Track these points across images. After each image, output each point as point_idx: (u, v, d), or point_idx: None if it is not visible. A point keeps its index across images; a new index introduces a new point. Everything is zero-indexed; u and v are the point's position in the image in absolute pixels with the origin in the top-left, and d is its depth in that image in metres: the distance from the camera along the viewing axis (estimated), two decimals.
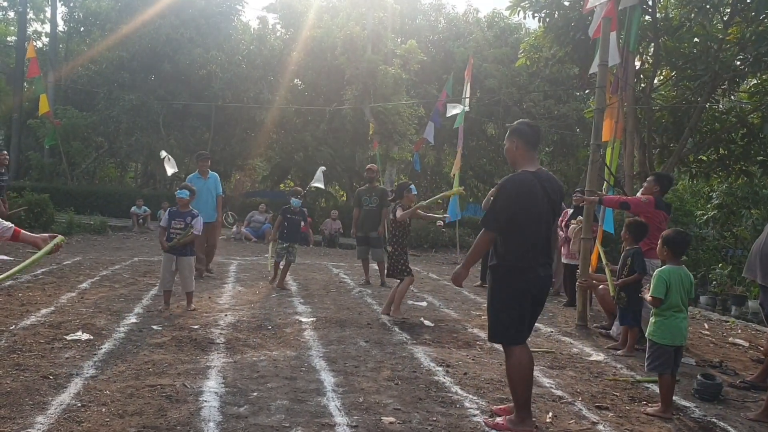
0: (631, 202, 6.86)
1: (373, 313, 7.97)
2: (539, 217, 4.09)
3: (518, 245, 4.09)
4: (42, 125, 22.87)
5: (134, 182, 32.73)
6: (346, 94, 21.09)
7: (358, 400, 4.52)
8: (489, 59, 25.15)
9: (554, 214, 4.22)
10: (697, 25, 8.96)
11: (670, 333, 4.81)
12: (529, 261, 4.08)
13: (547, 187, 4.12)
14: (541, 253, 4.13)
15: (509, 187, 4.10)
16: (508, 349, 4.18)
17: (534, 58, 11.54)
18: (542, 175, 4.18)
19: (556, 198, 4.21)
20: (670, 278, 4.83)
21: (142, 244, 15.77)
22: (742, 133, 9.90)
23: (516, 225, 4.06)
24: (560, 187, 4.33)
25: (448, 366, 5.60)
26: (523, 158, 4.24)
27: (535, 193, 4.07)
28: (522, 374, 4.13)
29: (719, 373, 6.07)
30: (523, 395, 4.12)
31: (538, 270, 4.09)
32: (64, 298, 7.65)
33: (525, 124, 4.32)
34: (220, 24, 25.96)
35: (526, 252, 4.08)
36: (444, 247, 19.57)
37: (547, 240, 4.17)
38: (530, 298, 4.11)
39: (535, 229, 4.09)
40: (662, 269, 4.93)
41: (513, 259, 4.10)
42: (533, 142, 4.26)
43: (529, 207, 4.05)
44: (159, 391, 4.47)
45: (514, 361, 4.15)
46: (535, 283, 4.11)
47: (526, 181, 4.10)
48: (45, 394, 4.27)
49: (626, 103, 8.11)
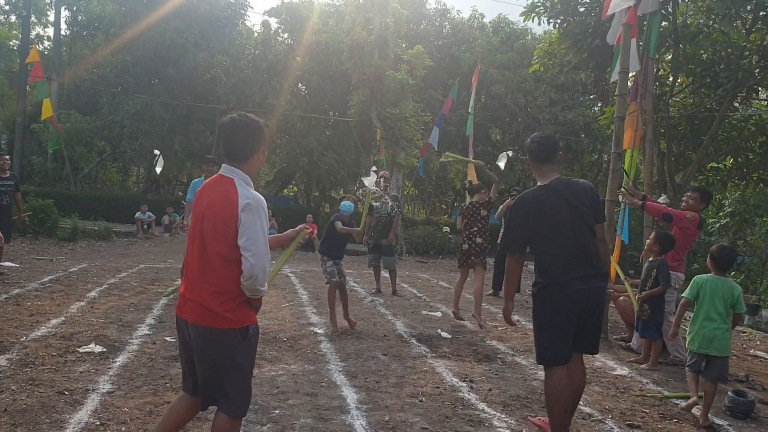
0: (675, 215, 6.57)
1: (388, 323, 7.83)
2: (562, 230, 3.93)
3: (545, 262, 3.97)
4: (45, 130, 22.72)
5: (136, 187, 32.61)
6: (352, 99, 20.97)
7: (383, 419, 4.38)
8: (495, 65, 25.03)
9: (585, 220, 3.97)
10: (717, 32, 8.84)
11: (697, 340, 5.05)
12: (560, 276, 3.91)
13: (566, 195, 3.96)
14: (576, 265, 3.91)
15: (518, 207, 4.04)
16: (546, 370, 4.03)
17: (548, 64, 11.43)
18: (559, 184, 4.02)
19: (582, 202, 3.98)
20: (705, 286, 5.06)
21: (147, 250, 15.63)
22: (760, 141, 9.76)
23: (537, 243, 3.95)
24: (586, 189, 4.09)
25: (472, 381, 5.47)
26: (537, 173, 4.15)
27: (550, 207, 3.94)
28: (557, 397, 3.96)
29: (747, 388, 5.93)
30: (558, 418, 3.97)
31: (574, 284, 3.89)
32: (73, 308, 7.51)
33: (532, 141, 4.18)
34: (224, 28, 25.82)
35: (555, 267, 3.93)
36: (451, 253, 19.42)
37: (581, 249, 3.93)
38: (570, 315, 3.92)
39: (560, 242, 3.92)
40: (700, 276, 5.18)
41: (544, 276, 3.97)
42: (539, 157, 4.11)
43: (544, 222, 3.93)
44: None
45: (549, 383, 3.99)
46: (573, 299, 3.90)
47: (535, 197, 4.00)
48: (62, 412, 4.13)
49: (646, 111, 7.97)
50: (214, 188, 3.10)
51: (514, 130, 25.80)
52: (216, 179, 3.15)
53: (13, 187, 10.25)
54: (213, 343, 3.00)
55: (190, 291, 3.07)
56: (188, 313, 3.06)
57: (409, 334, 7.28)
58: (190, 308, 3.05)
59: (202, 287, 3.01)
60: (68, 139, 22.74)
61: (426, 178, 28.53)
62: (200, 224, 3.06)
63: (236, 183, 3.05)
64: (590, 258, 3.95)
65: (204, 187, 3.20)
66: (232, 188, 3.02)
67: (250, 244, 2.95)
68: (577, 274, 3.90)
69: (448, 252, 19.57)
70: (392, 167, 19.76)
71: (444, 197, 35.10)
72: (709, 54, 9.20)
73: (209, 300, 2.98)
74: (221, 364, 3.01)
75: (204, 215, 3.05)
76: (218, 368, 3.02)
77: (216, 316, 2.98)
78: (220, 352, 3.00)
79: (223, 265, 2.99)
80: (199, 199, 3.16)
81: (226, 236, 2.97)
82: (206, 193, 3.13)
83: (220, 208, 3.00)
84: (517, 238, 4.02)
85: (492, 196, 8.33)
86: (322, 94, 25.19)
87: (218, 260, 2.99)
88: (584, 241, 3.96)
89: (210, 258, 3.00)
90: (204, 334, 3.00)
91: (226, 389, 3.04)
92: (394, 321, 8.01)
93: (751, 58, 8.96)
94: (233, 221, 2.96)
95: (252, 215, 2.97)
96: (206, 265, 3.02)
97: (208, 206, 3.05)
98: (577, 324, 3.97)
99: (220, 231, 2.98)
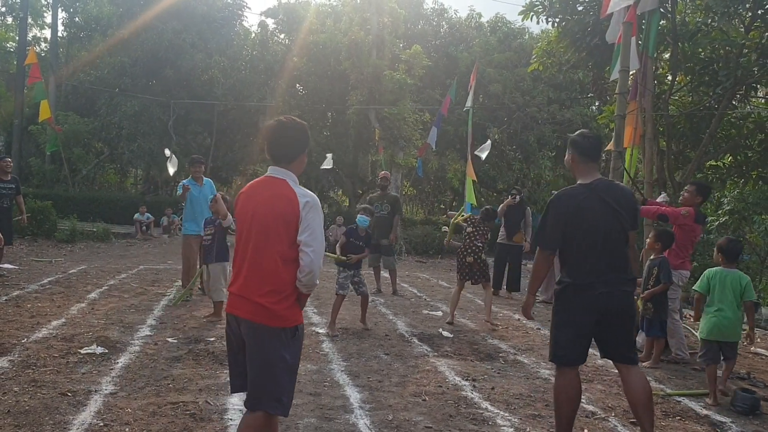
0: (669, 214, 6.56)
1: (389, 323, 7.83)
2: (595, 231, 3.83)
3: (573, 262, 3.89)
4: (43, 131, 22.67)
5: (134, 188, 32.56)
6: (350, 99, 20.95)
7: (387, 418, 4.38)
8: (492, 64, 25.00)
9: (621, 224, 3.88)
10: (715, 30, 8.84)
11: (709, 329, 5.34)
12: (586, 278, 3.82)
13: (606, 197, 3.86)
14: (604, 268, 3.82)
15: (557, 203, 3.93)
16: (557, 370, 3.99)
17: (547, 63, 11.42)
18: (600, 185, 3.92)
19: (622, 207, 3.87)
20: (715, 278, 5.36)
21: (147, 251, 15.62)
22: (759, 139, 9.76)
23: (568, 241, 3.86)
24: (626, 194, 4.01)
25: (474, 380, 5.47)
26: (579, 170, 4.03)
27: (588, 207, 3.84)
28: (566, 399, 3.90)
29: (749, 385, 5.94)
30: (564, 419, 3.91)
31: (598, 287, 3.79)
32: (74, 309, 7.49)
33: (581, 135, 4.09)
34: (222, 29, 25.80)
35: (582, 268, 3.85)
36: (450, 253, 19.38)
37: (612, 253, 3.85)
38: (590, 317, 3.84)
39: (591, 243, 3.82)
40: (711, 269, 5.47)
41: (569, 276, 3.89)
42: (589, 153, 4.02)
43: (579, 222, 3.83)
44: (182, 408, 4.33)
45: (559, 383, 3.94)
46: (595, 301, 3.80)
47: (575, 194, 3.91)
48: (65, 413, 4.13)
49: (645, 109, 7.97)
50: (264, 190, 3.17)
51: (512, 129, 25.80)
52: (264, 181, 3.21)
53: (15, 190, 10.17)
54: (264, 341, 3.05)
55: (245, 289, 3.10)
56: (241, 310, 3.10)
57: (411, 333, 7.28)
58: (243, 305, 3.10)
59: (258, 285, 3.07)
60: (66, 141, 22.70)
61: (424, 178, 28.51)
62: (253, 225, 3.12)
63: (290, 183, 3.16)
64: (619, 262, 3.88)
65: (250, 190, 3.24)
66: (287, 188, 3.13)
67: (311, 240, 3.06)
68: (603, 278, 3.81)
69: (448, 252, 19.55)
70: (391, 167, 19.75)
71: (442, 197, 35.06)
72: (707, 52, 9.20)
73: (265, 298, 3.05)
74: (271, 361, 3.06)
75: (257, 216, 3.11)
76: (268, 365, 3.06)
77: (270, 314, 3.04)
78: (270, 350, 3.05)
79: (281, 264, 3.08)
80: (245, 202, 3.20)
81: (287, 235, 3.07)
82: (255, 196, 3.18)
83: (279, 208, 3.08)
84: (552, 234, 3.91)
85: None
86: (319, 95, 25.13)
87: (277, 259, 3.07)
88: (616, 246, 3.87)
89: (267, 257, 3.08)
90: (256, 331, 3.05)
91: (273, 387, 3.08)
92: (395, 320, 8.01)
93: (750, 56, 8.96)
94: (294, 219, 3.06)
95: (312, 212, 3.10)
96: (262, 264, 3.08)
97: (262, 208, 3.11)
98: (605, 329, 3.88)
99: (282, 230, 3.07)
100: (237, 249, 3.21)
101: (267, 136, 3.22)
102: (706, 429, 4.66)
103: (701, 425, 4.73)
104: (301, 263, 3.08)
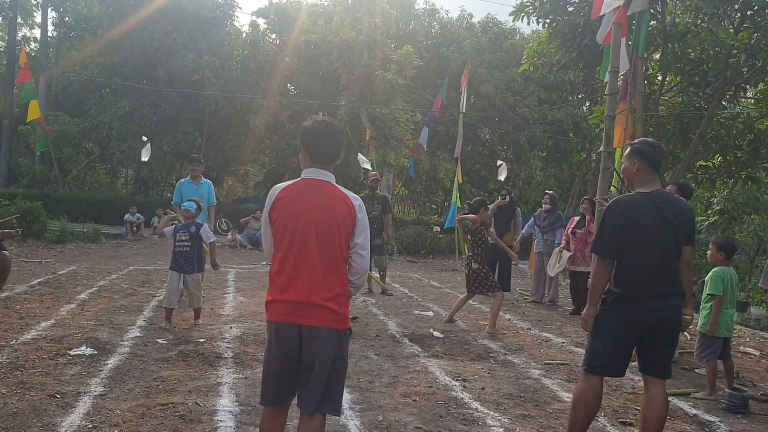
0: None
1: (380, 323, 7.83)
2: (650, 243, 3.72)
3: (625, 273, 3.78)
4: (33, 132, 22.56)
5: (124, 188, 32.44)
6: (342, 99, 20.95)
7: (377, 419, 4.38)
8: (484, 64, 25.08)
9: (676, 239, 3.78)
10: (705, 31, 8.88)
11: (722, 326, 5.51)
12: (636, 291, 3.72)
13: (664, 209, 3.77)
14: (656, 282, 3.73)
15: (615, 209, 3.80)
16: (583, 373, 3.92)
17: (538, 63, 11.45)
18: (659, 196, 3.82)
19: (679, 222, 3.77)
20: (725, 277, 5.56)
21: (137, 252, 15.56)
22: (748, 139, 9.82)
23: (622, 251, 3.76)
24: (685, 209, 3.89)
25: (465, 380, 5.47)
26: (641, 179, 3.89)
27: (645, 217, 3.74)
28: (584, 404, 3.85)
29: (738, 384, 5.97)
30: (578, 425, 3.88)
31: (648, 302, 3.71)
32: (63, 311, 7.46)
33: (649, 145, 3.94)
34: (212, 29, 25.74)
35: (632, 280, 3.74)
36: (441, 253, 19.45)
37: (664, 267, 3.75)
38: (635, 331, 3.76)
39: (645, 255, 3.72)
40: (717, 269, 5.63)
41: (619, 287, 3.78)
42: (655, 163, 3.90)
43: (635, 231, 3.73)
44: (171, 410, 4.31)
45: (582, 386, 3.89)
46: (643, 316, 3.72)
47: (635, 203, 3.79)
48: (53, 415, 4.10)
49: (636, 110, 8.00)
50: (316, 194, 3.07)
51: (503, 130, 25.86)
52: (310, 184, 3.10)
53: None
54: (333, 344, 3.03)
55: (309, 295, 2.99)
56: (305, 317, 2.99)
57: (402, 333, 7.28)
58: (308, 312, 3.00)
59: (327, 290, 3.02)
60: (56, 141, 22.59)
61: (416, 178, 28.55)
62: (311, 230, 3.02)
63: (336, 186, 3.13)
64: (671, 277, 3.80)
65: (294, 194, 3.09)
66: (338, 191, 3.10)
67: (365, 242, 3.13)
68: (654, 291, 3.74)
69: (439, 252, 19.58)
70: (382, 167, 19.76)
71: (434, 197, 35.12)
72: (697, 53, 9.24)
73: (333, 302, 3.02)
74: (339, 364, 3.07)
75: (316, 222, 3.02)
76: (336, 369, 3.06)
77: (339, 317, 3.04)
78: (339, 353, 3.06)
79: (343, 267, 3.09)
80: (292, 205, 3.06)
81: (346, 238, 3.08)
82: (305, 200, 3.05)
83: (339, 212, 3.04)
84: (609, 241, 3.79)
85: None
86: (311, 95, 25.15)
87: (341, 263, 3.07)
88: (669, 260, 3.79)
89: (333, 261, 3.05)
90: (325, 337, 3.00)
91: (338, 389, 3.11)
92: (386, 321, 8.01)
93: (739, 57, 9.01)
94: (352, 222, 3.07)
95: (364, 214, 3.13)
96: (328, 269, 3.03)
97: (321, 213, 3.03)
98: (649, 343, 3.82)
99: (343, 234, 3.06)
100: (284, 255, 3.06)
101: (312, 137, 3.11)
102: (695, 428, 4.68)
103: (690, 425, 4.75)
104: (354, 265, 3.13)
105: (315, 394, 3.02)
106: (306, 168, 3.14)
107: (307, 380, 3.04)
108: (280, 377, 3.10)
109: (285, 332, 3.03)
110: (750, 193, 12.34)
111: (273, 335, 3.07)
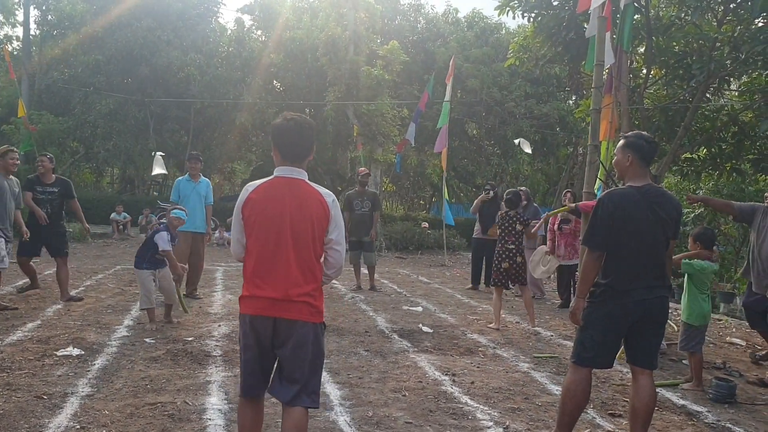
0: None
1: (369, 319, 7.83)
2: (640, 236, 3.76)
3: (614, 266, 3.81)
4: (17, 131, 22.32)
5: (110, 187, 32.23)
6: (328, 95, 20.88)
7: (367, 414, 4.38)
8: (470, 59, 25.06)
9: (665, 233, 3.84)
10: (689, 24, 8.93)
11: (701, 316, 5.64)
12: (625, 283, 3.76)
13: (654, 203, 3.80)
14: (644, 275, 3.78)
15: (607, 202, 3.82)
16: (572, 366, 3.94)
17: (523, 58, 11.47)
18: (650, 191, 3.84)
19: (668, 216, 3.83)
20: (707, 269, 5.69)
21: (123, 251, 15.47)
22: (732, 131, 9.90)
23: (612, 244, 3.79)
24: (675, 205, 3.92)
25: (454, 375, 5.48)
26: (633, 173, 3.90)
27: (636, 211, 3.77)
28: (573, 396, 3.87)
29: (724, 374, 6.02)
30: (567, 417, 3.89)
31: (637, 293, 3.75)
32: (50, 311, 7.41)
33: (643, 139, 3.93)
34: (197, 26, 25.57)
35: (621, 272, 3.78)
36: (430, 248, 19.46)
37: (653, 260, 3.79)
38: (624, 323, 3.79)
39: (635, 248, 3.76)
40: (702, 263, 5.69)
41: (608, 279, 3.81)
42: (648, 158, 3.93)
43: (625, 225, 3.76)
44: (160, 409, 4.29)
45: (571, 379, 3.91)
46: (632, 308, 3.76)
47: (627, 196, 3.81)
48: (41, 416, 4.07)
49: (621, 103, 8.04)
50: (288, 192, 3.10)
51: (490, 124, 25.90)
52: (282, 183, 3.13)
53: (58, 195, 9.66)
54: (309, 337, 3.09)
55: (284, 290, 3.04)
56: (280, 311, 3.05)
57: (391, 329, 7.28)
58: (283, 306, 3.05)
59: (301, 285, 3.08)
60: (40, 140, 22.33)
61: (403, 173, 28.58)
62: (285, 228, 3.06)
63: (309, 183, 3.17)
64: (658, 269, 3.84)
65: (267, 192, 3.11)
66: (310, 188, 3.15)
67: (340, 237, 3.21)
68: (642, 284, 3.78)
69: (427, 247, 19.59)
70: (370, 164, 19.74)
71: (422, 192, 35.14)
72: (681, 46, 9.30)
73: (309, 297, 3.10)
74: (316, 356, 3.13)
75: (289, 219, 3.06)
76: (313, 361, 3.11)
77: (314, 311, 3.12)
78: (315, 345, 3.12)
79: (317, 262, 3.16)
80: (265, 204, 3.09)
81: (320, 234, 3.14)
82: (278, 199, 3.09)
83: (312, 210, 3.10)
84: (601, 234, 3.81)
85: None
86: (297, 91, 25.04)
87: (315, 259, 3.14)
88: (657, 253, 3.83)
89: (307, 258, 3.10)
90: (301, 329, 3.06)
91: (316, 381, 3.16)
92: (375, 317, 8.01)
93: (723, 50, 9.08)
94: (326, 219, 3.13)
95: (338, 210, 3.19)
96: (303, 265, 3.09)
97: (294, 211, 3.07)
98: (637, 334, 3.86)
99: (317, 230, 3.12)
100: (257, 252, 3.10)
101: (282, 135, 3.13)
102: (683, 419, 4.72)
103: (678, 415, 4.79)
104: (330, 260, 3.22)
105: (292, 386, 3.08)
106: (278, 166, 3.18)
107: (281, 369, 3.13)
108: (254, 371, 3.18)
109: (260, 324, 3.09)
110: (735, 185, 12.43)
111: (247, 327, 3.12)
